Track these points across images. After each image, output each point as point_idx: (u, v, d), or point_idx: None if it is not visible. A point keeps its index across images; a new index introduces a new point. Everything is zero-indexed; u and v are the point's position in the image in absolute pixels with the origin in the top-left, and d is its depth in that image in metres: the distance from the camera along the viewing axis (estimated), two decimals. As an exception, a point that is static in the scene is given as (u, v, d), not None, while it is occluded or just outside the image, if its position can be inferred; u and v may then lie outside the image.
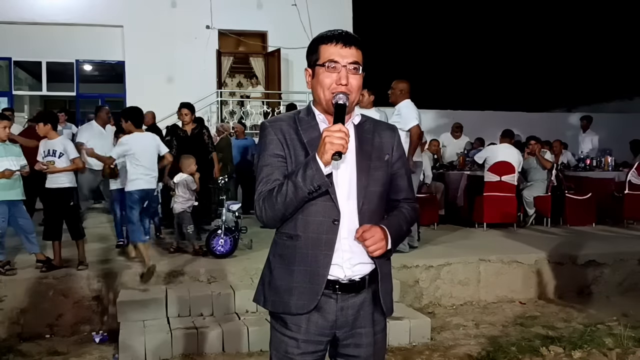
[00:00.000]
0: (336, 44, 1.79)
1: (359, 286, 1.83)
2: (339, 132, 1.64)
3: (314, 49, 1.84)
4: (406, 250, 5.78)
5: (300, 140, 1.82)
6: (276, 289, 1.85)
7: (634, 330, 4.61)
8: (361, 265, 1.82)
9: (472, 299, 5.58)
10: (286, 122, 1.86)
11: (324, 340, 1.85)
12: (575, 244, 6.55)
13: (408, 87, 5.94)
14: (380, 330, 1.90)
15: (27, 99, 14.43)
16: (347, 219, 1.80)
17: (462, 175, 8.40)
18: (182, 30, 12.36)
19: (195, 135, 6.73)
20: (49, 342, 4.56)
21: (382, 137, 1.91)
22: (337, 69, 1.78)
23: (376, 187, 1.85)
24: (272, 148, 1.82)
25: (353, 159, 1.83)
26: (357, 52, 1.81)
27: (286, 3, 12.55)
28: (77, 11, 12.10)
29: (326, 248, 1.79)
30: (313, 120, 1.86)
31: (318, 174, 1.68)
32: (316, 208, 1.78)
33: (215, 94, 12.53)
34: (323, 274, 1.79)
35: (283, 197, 1.73)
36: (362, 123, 1.90)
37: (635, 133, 10.75)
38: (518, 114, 14.04)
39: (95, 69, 14.46)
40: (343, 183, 1.81)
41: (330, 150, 1.64)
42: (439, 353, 4.28)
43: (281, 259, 1.85)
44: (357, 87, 1.81)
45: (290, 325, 1.83)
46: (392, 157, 1.91)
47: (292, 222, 1.81)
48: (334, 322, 1.83)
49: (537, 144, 8.17)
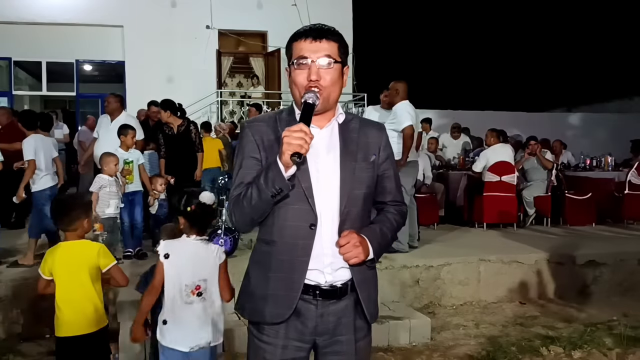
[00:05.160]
0: (306, 39, 1.71)
1: (341, 292, 1.75)
2: (299, 132, 1.57)
3: (289, 47, 1.77)
4: (406, 250, 5.78)
5: (278, 141, 1.71)
6: (253, 297, 1.79)
7: (634, 330, 4.61)
8: (344, 270, 1.75)
9: (472, 299, 5.58)
10: (266, 123, 1.79)
11: (303, 347, 1.77)
12: (575, 244, 6.54)
13: (405, 87, 5.93)
14: (362, 337, 1.83)
15: (27, 99, 14.42)
16: (328, 222, 1.72)
17: (462, 175, 8.40)
18: (182, 30, 12.35)
19: (182, 133, 6.43)
20: (49, 342, 4.55)
21: (368, 137, 1.82)
22: (308, 65, 1.70)
23: (361, 189, 1.77)
24: (248, 151, 1.76)
25: (337, 159, 1.75)
26: (329, 45, 1.72)
27: (286, 3, 12.55)
28: (77, 11, 12.09)
29: (302, 254, 1.71)
30: (294, 121, 1.75)
31: (278, 176, 1.61)
32: (293, 212, 1.71)
33: (215, 94, 12.52)
34: (299, 281, 1.72)
35: (249, 201, 1.67)
36: (348, 122, 1.81)
37: (635, 133, 10.75)
38: (518, 114, 14.05)
39: (95, 69, 14.45)
40: (325, 185, 1.73)
41: (288, 151, 1.56)
42: (439, 353, 4.28)
43: (258, 265, 1.80)
44: (331, 81, 1.71)
45: (268, 331, 1.76)
46: (379, 157, 1.83)
47: (269, 228, 1.75)
48: (314, 329, 1.76)
49: (537, 144, 8.17)
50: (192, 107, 10.48)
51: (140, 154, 5.94)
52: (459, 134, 10.43)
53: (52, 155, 5.65)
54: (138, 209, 5.79)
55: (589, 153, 10.16)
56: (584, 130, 14.46)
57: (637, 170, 8.22)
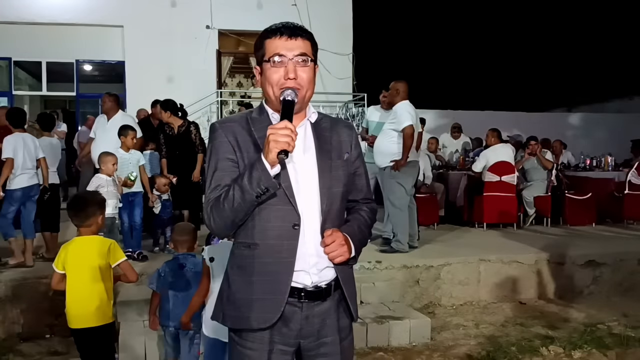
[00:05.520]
0: (280, 36, 1.69)
1: (325, 293, 1.73)
2: (284, 130, 1.55)
3: (260, 44, 1.73)
4: (406, 250, 5.78)
5: (254, 142, 1.70)
6: (235, 303, 1.72)
7: (634, 330, 4.62)
8: (328, 270, 1.73)
9: (472, 299, 5.58)
10: (238, 123, 1.75)
11: (288, 350, 1.74)
12: (575, 244, 6.55)
13: (406, 87, 5.93)
14: (346, 336, 1.81)
15: (27, 99, 14.42)
16: (310, 221, 1.69)
17: (462, 175, 8.40)
18: (182, 30, 12.35)
19: (182, 134, 6.41)
20: (49, 342, 4.56)
21: (340, 135, 1.81)
22: (284, 62, 1.67)
23: (338, 187, 1.75)
24: (223, 152, 1.70)
25: (314, 158, 1.73)
26: (304, 43, 1.70)
27: (286, 3, 12.55)
28: (77, 11, 12.09)
29: (288, 255, 1.67)
30: (266, 120, 1.74)
31: (264, 175, 1.58)
32: (274, 213, 1.67)
33: (215, 94, 12.52)
34: (286, 283, 1.68)
35: (231, 203, 1.62)
36: (319, 121, 1.80)
37: (635, 133, 10.76)
38: (518, 114, 14.05)
39: (95, 69, 14.45)
40: (304, 184, 1.70)
41: (275, 149, 1.54)
42: (439, 353, 4.28)
43: (239, 270, 1.73)
44: (308, 80, 1.70)
45: (253, 337, 1.71)
46: (351, 155, 1.82)
47: (249, 230, 1.70)
48: (299, 332, 1.72)
49: (538, 144, 8.17)
50: (192, 107, 10.47)
51: (141, 155, 5.91)
52: (458, 134, 10.44)
53: (37, 156, 5.49)
54: (138, 210, 5.74)
55: (589, 153, 10.16)
56: (584, 130, 14.47)
57: (637, 170, 8.22)
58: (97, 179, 5.18)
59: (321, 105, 12.99)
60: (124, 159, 5.60)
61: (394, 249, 5.79)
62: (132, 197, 5.69)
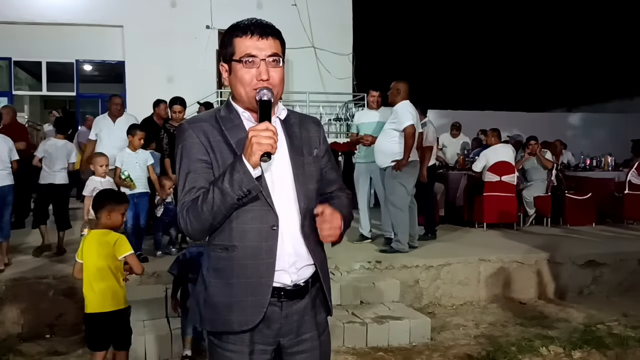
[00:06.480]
0: (252, 36, 1.67)
1: (304, 291, 1.73)
2: (267, 131, 1.52)
3: (228, 41, 1.69)
4: (406, 250, 5.78)
5: (226, 142, 1.67)
6: (214, 307, 1.69)
7: (634, 330, 4.61)
8: (306, 268, 1.72)
9: (472, 299, 5.58)
10: (208, 123, 1.70)
11: (268, 349, 1.73)
12: (575, 244, 6.55)
13: (406, 87, 5.93)
14: (323, 330, 1.82)
15: (27, 99, 14.45)
16: (288, 221, 1.68)
17: (462, 175, 8.40)
18: (182, 30, 12.37)
19: None
20: (49, 342, 4.56)
21: (309, 131, 1.80)
22: (256, 63, 1.65)
23: (313, 184, 1.74)
24: (195, 152, 1.66)
25: (286, 156, 1.71)
26: (275, 42, 1.69)
27: (286, 3, 12.56)
28: (77, 11, 12.11)
29: (267, 256, 1.65)
30: (237, 119, 1.71)
31: (247, 177, 1.54)
32: (252, 215, 1.64)
33: (215, 94, 12.52)
34: (267, 284, 1.66)
35: (210, 206, 1.58)
36: (288, 117, 1.78)
37: (635, 133, 10.76)
38: (518, 114, 14.07)
39: (95, 69, 14.47)
40: (279, 184, 1.68)
41: (259, 152, 1.52)
42: (439, 353, 4.28)
43: (217, 273, 1.69)
44: (280, 80, 1.69)
45: (233, 339, 1.69)
46: (320, 150, 1.81)
47: (226, 232, 1.66)
48: (278, 330, 1.72)
49: (537, 144, 8.17)
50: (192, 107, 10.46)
51: (149, 155, 5.81)
52: (457, 133, 10.44)
53: (12, 158, 5.52)
54: (142, 214, 5.61)
55: (589, 153, 10.17)
56: (584, 130, 14.49)
57: (637, 170, 8.22)
58: (92, 182, 5.18)
59: (321, 105, 13.03)
60: (130, 158, 5.58)
61: (394, 249, 5.79)
62: (137, 199, 5.53)
